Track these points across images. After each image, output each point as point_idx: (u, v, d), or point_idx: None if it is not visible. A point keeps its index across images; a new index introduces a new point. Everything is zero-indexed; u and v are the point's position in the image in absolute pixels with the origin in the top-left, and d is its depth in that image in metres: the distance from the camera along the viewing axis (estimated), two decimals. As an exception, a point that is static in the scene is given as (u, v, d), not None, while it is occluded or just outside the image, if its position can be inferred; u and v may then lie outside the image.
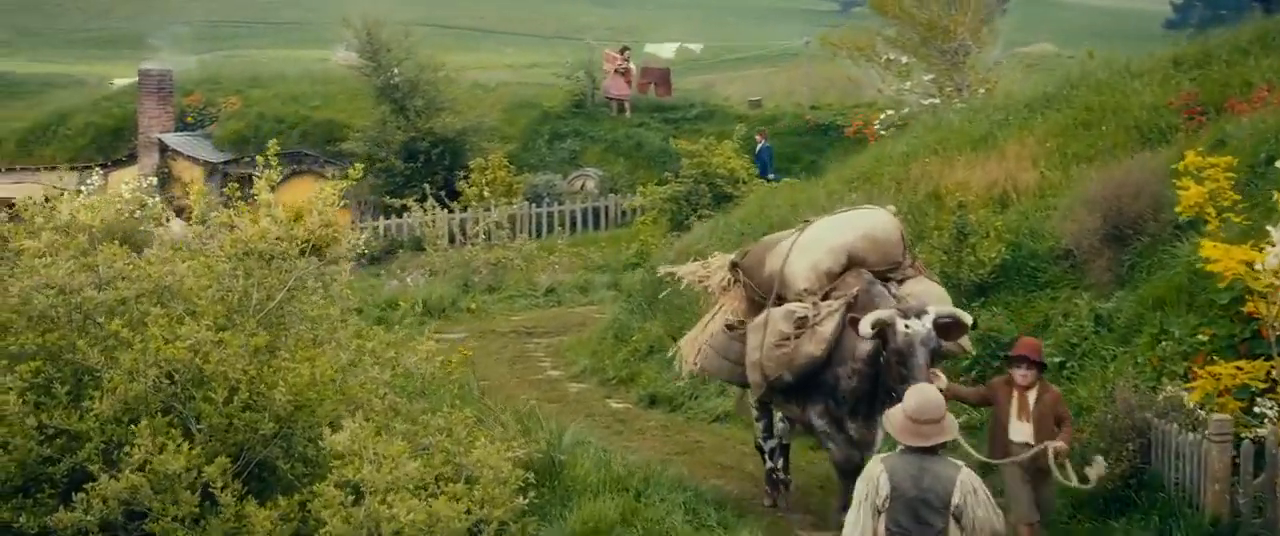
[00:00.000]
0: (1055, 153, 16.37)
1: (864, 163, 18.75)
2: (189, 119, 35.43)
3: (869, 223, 12.61)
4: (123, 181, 33.17)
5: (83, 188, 32.90)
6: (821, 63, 32.88)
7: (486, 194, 29.92)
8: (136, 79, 36.02)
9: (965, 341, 12.14)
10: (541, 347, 20.40)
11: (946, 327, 11.36)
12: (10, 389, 10.43)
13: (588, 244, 29.43)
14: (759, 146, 31.96)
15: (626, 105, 35.72)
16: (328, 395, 10.93)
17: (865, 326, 11.19)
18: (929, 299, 11.81)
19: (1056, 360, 13.45)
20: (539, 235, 31.07)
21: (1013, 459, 10.97)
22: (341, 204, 32.46)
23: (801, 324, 11.95)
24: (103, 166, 34.63)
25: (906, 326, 11.09)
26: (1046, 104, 17.56)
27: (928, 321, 11.16)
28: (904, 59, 26.58)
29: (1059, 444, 10.84)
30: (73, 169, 35.26)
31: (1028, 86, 19.34)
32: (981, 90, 24.10)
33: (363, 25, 33.42)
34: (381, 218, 31.87)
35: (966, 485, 8.14)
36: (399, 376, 11.85)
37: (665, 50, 42.49)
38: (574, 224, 32.03)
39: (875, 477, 8.22)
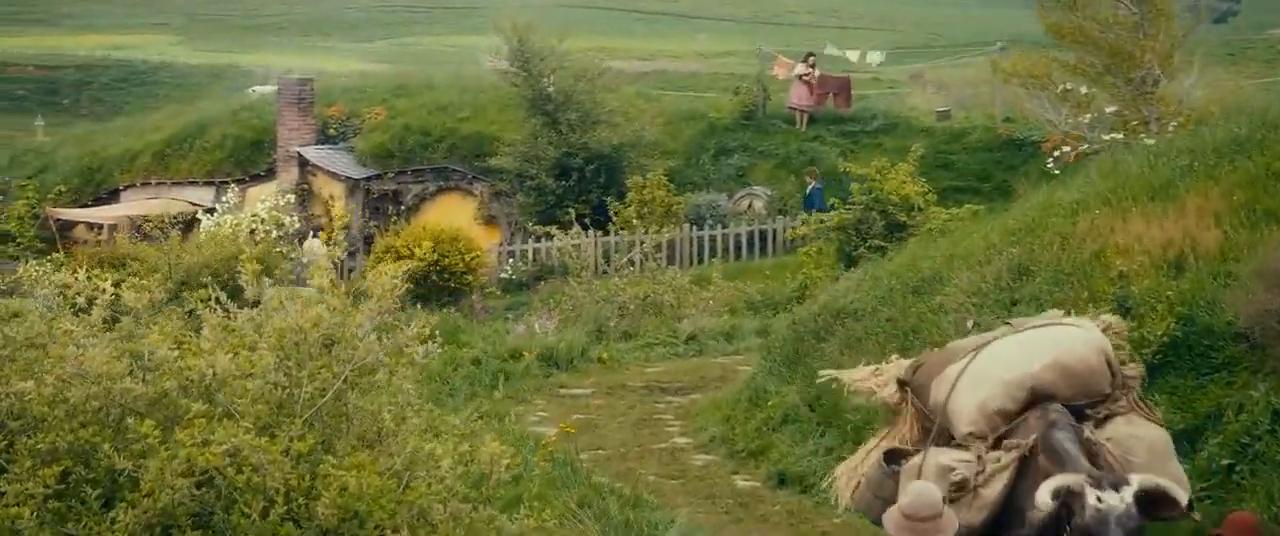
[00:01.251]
0: (1242, 209, 15.29)
1: (1029, 212, 17.85)
2: (330, 131, 35.65)
3: (1061, 348, 10.69)
4: (259, 199, 33.62)
5: (218, 205, 33.56)
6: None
7: (635, 221, 29.54)
8: (277, 87, 36.42)
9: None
10: (672, 408, 19.84)
11: (1153, 502, 9.60)
12: (30, 497, 10.25)
13: (749, 274, 28.84)
14: (810, 188, 31.64)
15: (804, 117, 35.13)
16: (380, 505, 10.62)
17: (1044, 495, 9.40)
18: (1136, 450, 10.10)
19: (1225, 463, 12.57)
20: (699, 260, 30.63)
21: None
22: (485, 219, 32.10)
23: (960, 488, 10.16)
24: (239, 182, 35.15)
25: (1098, 500, 9.31)
26: (1237, 149, 16.45)
27: (1128, 495, 9.35)
28: (1083, 89, 25.40)
29: None
30: (209, 184, 35.87)
31: (1219, 126, 18.16)
32: (1172, 124, 22.83)
33: (513, 30, 33.30)
34: (530, 241, 31.79)
35: None
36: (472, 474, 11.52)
37: (848, 57, 41.66)
38: (738, 249, 31.54)
39: None
